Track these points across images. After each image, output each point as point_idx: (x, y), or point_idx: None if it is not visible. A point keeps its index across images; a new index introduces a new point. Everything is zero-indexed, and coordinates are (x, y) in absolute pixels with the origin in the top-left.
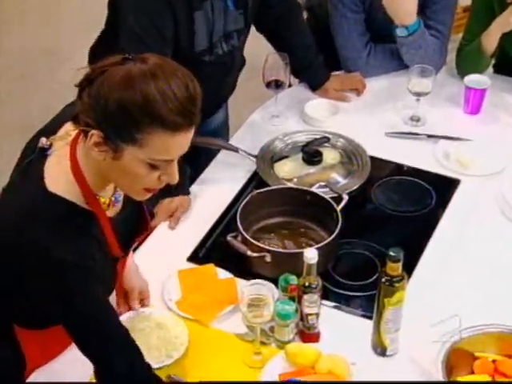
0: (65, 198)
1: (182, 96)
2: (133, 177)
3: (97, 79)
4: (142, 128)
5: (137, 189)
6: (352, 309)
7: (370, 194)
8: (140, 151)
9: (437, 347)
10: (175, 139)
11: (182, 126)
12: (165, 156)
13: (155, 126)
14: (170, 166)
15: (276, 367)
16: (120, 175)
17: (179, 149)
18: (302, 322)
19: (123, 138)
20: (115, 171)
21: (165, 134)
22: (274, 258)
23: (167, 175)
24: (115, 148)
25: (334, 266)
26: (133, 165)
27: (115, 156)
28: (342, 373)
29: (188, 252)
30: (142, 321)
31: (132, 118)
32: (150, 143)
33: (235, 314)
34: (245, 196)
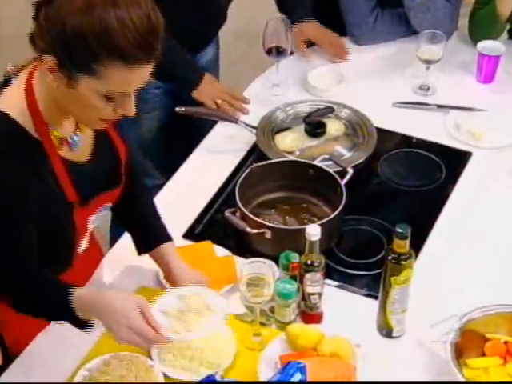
0: (15, 120)
1: (142, 27)
2: (87, 107)
3: (56, 0)
4: (98, 59)
5: (92, 119)
6: (356, 288)
7: (376, 167)
8: (96, 82)
9: (446, 328)
10: (133, 73)
11: (141, 59)
12: (121, 89)
13: (112, 58)
14: (127, 98)
15: (276, 349)
16: (74, 105)
17: (137, 82)
18: (303, 301)
19: (78, 68)
20: (69, 100)
21: (122, 67)
22: (275, 234)
23: (123, 108)
24: (70, 76)
25: (338, 244)
26: (88, 95)
27: (69, 84)
28: (345, 355)
29: (184, 228)
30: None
31: (88, 48)
32: (106, 75)
33: (233, 294)
34: (244, 169)
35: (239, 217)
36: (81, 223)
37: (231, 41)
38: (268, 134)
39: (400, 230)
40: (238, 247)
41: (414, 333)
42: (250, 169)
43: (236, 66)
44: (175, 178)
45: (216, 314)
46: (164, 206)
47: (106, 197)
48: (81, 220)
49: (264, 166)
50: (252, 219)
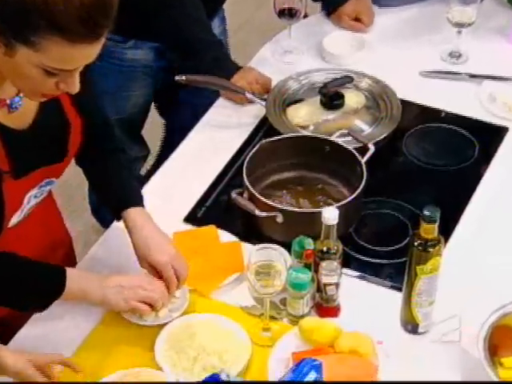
0: None
1: (88, 2)
2: (26, 79)
3: None
4: (37, 31)
5: (32, 91)
6: (378, 279)
7: (401, 144)
8: (34, 55)
9: (478, 323)
10: (75, 50)
11: (85, 36)
12: (62, 66)
13: (52, 31)
14: (70, 75)
15: (288, 345)
16: (13, 74)
17: (80, 60)
18: (319, 293)
19: (16, 37)
20: (8, 68)
21: (63, 43)
22: (287, 218)
23: (66, 84)
24: (7, 44)
25: (357, 229)
26: (26, 67)
27: (7, 52)
28: (366, 352)
29: (185, 212)
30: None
31: (27, 18)
32: (45, 49)
33: (241, 284)
34: (252, 146)
35: (247, 198)
36: (13, 197)
37: (236, 2)
38: (279, 106)
39: (428, 213)
40: (246, 232)
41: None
42: (259, 145)
43: (242, 31)
44: (175, 156)
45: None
46: (163, 187)
47: (47, 171)
48: (13, 193)
49: (274, 142)
50: (261, 201)
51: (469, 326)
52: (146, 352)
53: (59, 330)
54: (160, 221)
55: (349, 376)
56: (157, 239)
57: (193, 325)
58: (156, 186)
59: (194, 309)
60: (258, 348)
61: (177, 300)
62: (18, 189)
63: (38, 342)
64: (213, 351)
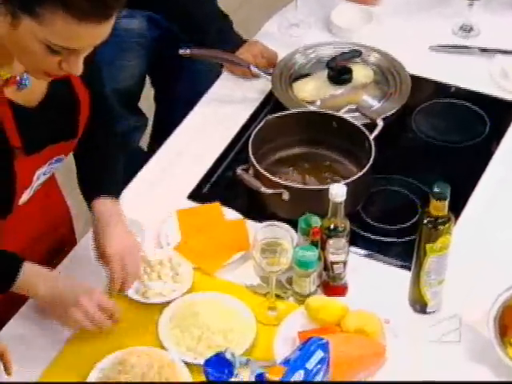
0: None
1: None
2: (29, 54)
3: None
4: (43, 2)
5: (34, 68)
6: (386, 257)
7: (410, 120)
8: (38, 28)
9: (488, 302)
10: (81, 28)
11: (91, 15)
12: (66, 43)
13: (56, 4)
14: (74, 55)
15: (294, 324)
16: (17, 48)
17: (86, 40)
18: (325, 271)
19: (22, 6)
20: (13, 42)
21: (68, 19)
22: (293, 195)
23: (68, 64)
24: (12, 13)
25: (365, 207)
26: (29, 41)
27: (12, 23)
28: (373, 331)
29: (189, 188)
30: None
31: None
32: (50, 23)
33: (246, 262)
34: (258, 121)
35: (252, 175)
36: (24, 173)
37: None
38: (286, 80)
39: (438, 190)
40: (251, 210)
41: (451, 308)
42: (265, 121)
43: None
44: (179, 132)
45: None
46: (166, 163)
47: (58, 149)
48: (24, 170)
49: (281, 118)
50: (267, 178)
51: (479, 305)
52: (149, 330)
53: None
54: (163, 198)
55: (356, 355)
56: (116, 230)
57: (197, 303)
58: (159, 161)
59: (199, 287)
60: (263, 327)
61: (181, 278)
62: (29, 165)
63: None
64: (217, 330)
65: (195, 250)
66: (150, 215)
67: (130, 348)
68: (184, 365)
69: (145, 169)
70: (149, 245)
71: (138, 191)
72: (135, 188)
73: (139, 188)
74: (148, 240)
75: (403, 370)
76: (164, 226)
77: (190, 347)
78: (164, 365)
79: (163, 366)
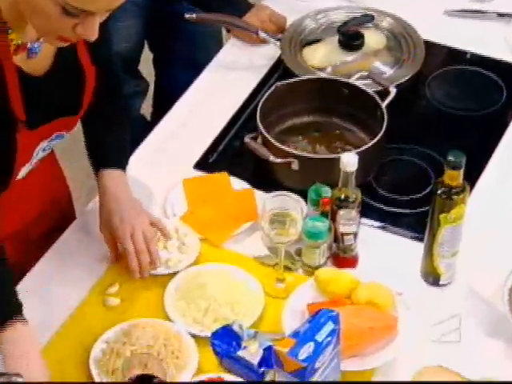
0: None
1: None
2: (43, 17)
3: None
4: None
5: (48, 32)
6: (398, 228)
7: (424, 87)
8: None
9: (504, 274)
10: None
11: None
12: (83, 5)
13: None
14: (91, 18)
15: (304, 297)
16: (31, 11)
17: (103, 2)
18: (336, 243)
19: None
20: (27, 4)
21: None
22: (303, 165)
23: (84, 28)
24: None
25: (377, 177)
26: (44, 2)
27: None
28: (384, 304)
29: (195, 157)
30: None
31: None
32: None
33: (254, 233)
34: (266, 89)
35: (261, 143)
36: (25, 148)
37: None
38: (295, 46)
39: (453, 159)
40: (259, 180)
41: (466, 280)
42: (274, 88)
43: None
44: (184, 99)
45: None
46: (172, 131)
47: (61, 124)
48: (25, 144)
49: (290, 85)
50: (276, 146)
51: (494, 277)
52: (154, 302)
53: (67, 280)
54: (169, 167)
55: (367, 328)
56: (123, 205)
57: (203, 275)
58: (164, 130)
59: (205, 258)
60: (271, 300)
61: (187, 249)
62: (30, 140)
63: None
64: (224, 302)
65: (202, 220)
66: (156, 185)
67: (135, 320)
68: (190, 337)
69: (149, 137)
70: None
71: (142, 160)
72: (139, 157)
73: (144, 157)
74: (153, 210)
75: (415, 343)
76: (170, 196)
77: (196, 319)
78: (170, 337)
79: (169, 338)
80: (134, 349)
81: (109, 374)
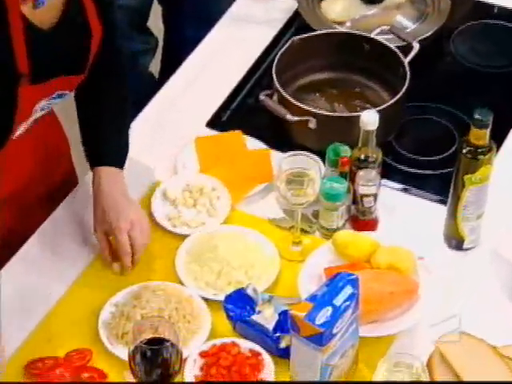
0: None
1: None
2: None
3: None
4: None
5: None
6: (420, 191)
7: (448, 42)
8: None
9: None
10: None
11: None
12: None
13: None
14: None
15: (321, 260)
16: None
17: None
18: (354, 205)
19: None
20: None
21: None
22: (321, 123)
23: None
24: None
25: (398, 137)
26: None
27: None
28: (405, 268)
29: (207, 115)
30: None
31: None
32: None
33: (269, 195)
34: (282, 43)
35: (277, 101)
36: (25, 104)
37: None
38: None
39: (479, 117)
40: (275, 139)
41: (490, 244)
42: (291, 42)
43: None
44: (196, 54)
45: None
46: (183, 87)
47: (64, 82)
48: (26, 101)
49: (307, 40)
50: (293, 104)
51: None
52: (165, 265)
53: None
54: (180, 125)
55: (387, 293)
56: (120, 203)
57: (216, 237)
58: (175, 86)
59: (218, 220)
60: (287, 263)
61: (215, 213)
62: (31, 96)
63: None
64: (238, 265)
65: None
66: (166, 144)
67: (145, 282)
68: (203, 301)
69: (158, 95)
70: (166, 175)
71: (151, 119)
72: (149, 115)
73: (153, 116)
74: (164, 170)
75: (437, 308)
76: (181, 156)
77: (209, 283)
78: (182, 300)
79: (181, 302)
80: (145, 312)
81: (118, 338)
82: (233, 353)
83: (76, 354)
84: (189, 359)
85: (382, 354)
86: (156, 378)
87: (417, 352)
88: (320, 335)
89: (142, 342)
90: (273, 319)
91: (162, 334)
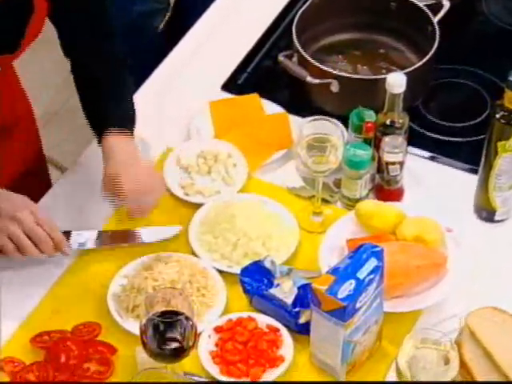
0: None
1: None
2: None
3: None
4: None
5: None
6: (449, 159)
7: (481, 0)
8: None
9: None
10: None
11: None
12: None
13: None
14: None
15: (343, 232)
16: None
17: None
18: (379, 173)
19: None
20: None
21: None
22: (344, 86)
23: None
24: None
25: (427, 102)
26: None
27: None
28: (433, 240)
29: (223, 78)
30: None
31: None
32: None
33: (288, 162)
34: (303, 1)
35: (296, 63)
36: None
37: None
38: None
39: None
40: (294, 103)
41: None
42: (312, 0)
43: None
44: (210, 13)
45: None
46: (196, 48)
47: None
48: None
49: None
50: (314, 66)
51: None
52: (178, 235)
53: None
54: (193, 88)
55: (413, 266)
56: (132, 167)
57: (233, 206)
58: (188, 48)
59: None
60: (306, 234)
61: (231, 181)
62: None
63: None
64: (255, 236)
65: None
66: (179, 108)
67: (156, 254)
68: (218, 273)
69: (170, 56)
70: (178, 140)
71: (163, 82)
72: (160, 78)
73: (165, 78)
74: (176, 136)
75: (465, 282)
76: (195, 121)
77: (224, 254)
78: (195, 272)
79: (194, 274)
80: (157, 284)
81: (129, 311)
82: (249, 328)
83: (84, 327)
84: (203, 334)
85: (408, 330)
86: (169, 353)
87: (444, 328)
88: (342, 309)
89: (154, 315)
90: (292, 293)
91: (175, 307)
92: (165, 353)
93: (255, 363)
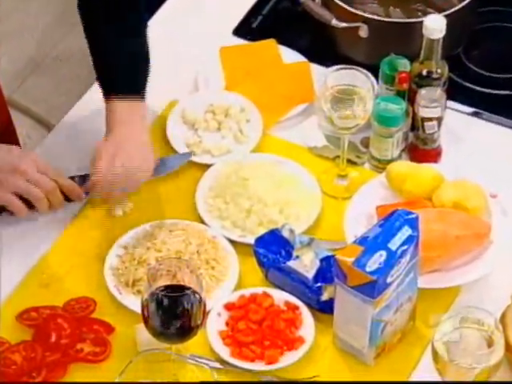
0: None
1: None
2: None
3: None
4: None
5: None
6: (494, 115)
7: None
8: None
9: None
10: None
11: None
12: None
13: None
14: None
15: (371, 197)
16: None
17: None
18: (414, 131)
19: None
20: None
21: None
22: (374, 31)
23: None
24: None
25: (468, 49)
26: None
27: None
28: (475, 207)
29: (235, 21)
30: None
31: None
32: None
33: (309, 118)
34: None
35: (320, 3)
36: None
37: None
38: None
39: None
40: (317, 50)
41: None
42: None
43: None
44: None
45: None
46: None
47: None
48: None
49: None
50: (341, 7)
51: None
52: (184, 200)
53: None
54: (202, 33)
55: (452, 236)
56: (128, 143)
57: (246, 168)
58: None
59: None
60: (330, 200)
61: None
62: None
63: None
64: (272, 202)
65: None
66: (186, 53)
67: (160, 220)
68: (229, 243)
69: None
70: (184, 91)
71: (167, 24)
72: (164, 19)
73: (169, 20)
74: (182, 86)
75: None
76: (203, 69)
77: (236, 222)
78: (204, 242)
79: (203, 244)
80: (160, 256)
81: (128, 286)
82: (264, 305)
83: (77, 302)
84: (212, 312)
85: (445, 309)
86: (174, 332)
87: (487, 307)
88: (372, 284)
89: (157, 289)
90: (313, 266)
91: (181, 280)
92: (169, 332)
93: (271, 345)
